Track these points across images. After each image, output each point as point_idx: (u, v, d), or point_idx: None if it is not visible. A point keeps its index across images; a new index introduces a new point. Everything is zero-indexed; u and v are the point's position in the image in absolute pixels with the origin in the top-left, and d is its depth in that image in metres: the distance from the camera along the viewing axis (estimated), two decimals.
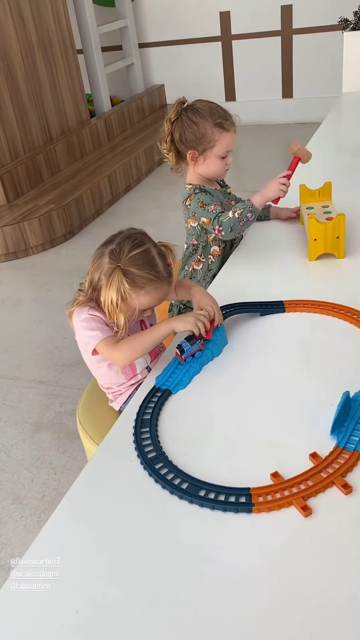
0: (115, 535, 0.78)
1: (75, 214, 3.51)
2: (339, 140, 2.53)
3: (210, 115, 1.44)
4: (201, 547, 0.75)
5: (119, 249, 1.08)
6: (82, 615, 0.68)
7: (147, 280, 1.07)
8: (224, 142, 1.46)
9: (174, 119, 1.46)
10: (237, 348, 1.13)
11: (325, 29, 4.41)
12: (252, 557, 0.73)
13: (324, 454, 0.84)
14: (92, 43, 4.45)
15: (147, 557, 0.75)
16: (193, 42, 5.03)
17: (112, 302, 1.06)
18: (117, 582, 0.72)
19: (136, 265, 1.07)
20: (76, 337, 1.18)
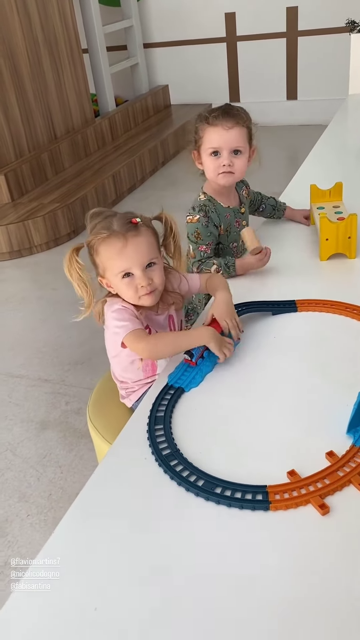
0: (131, 533, 0.78)
1: (80, 213, 3.51)
2: (345, 142, 2.53)
3: (199, 113, 1.43)
4: (218, 545, 0.75)
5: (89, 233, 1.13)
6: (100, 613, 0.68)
7: (96, 240, 1.09)
8: (209, 136, 1.39)
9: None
10: (249, 347, 1.13)
11: (331, 31, 4.42)
12: (269, 555, 0.73)
13: (341, 453, 0.84)
14: (97, 42, 4.45)
15: (163, 555, 0.74)
16: (198, 43, 5.04)
17: (82, 281, 1.12)
18: (133, 580, 0.71)
19: (90, 233, 1.11)
20: (105, 329, 1.18)
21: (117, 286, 1.12)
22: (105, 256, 1.09)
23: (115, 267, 1.09)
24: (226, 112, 1.39)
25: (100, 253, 1.10)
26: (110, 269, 1.10)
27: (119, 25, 4.81)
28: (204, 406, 1.00)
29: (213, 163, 1.41)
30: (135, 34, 4.99)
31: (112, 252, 1.08)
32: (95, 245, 1.09)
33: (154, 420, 0.96)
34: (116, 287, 1.12)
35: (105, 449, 1.19)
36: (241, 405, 0.99)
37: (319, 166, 2.14)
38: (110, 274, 1.10)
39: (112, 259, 1.09)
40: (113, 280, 1.11)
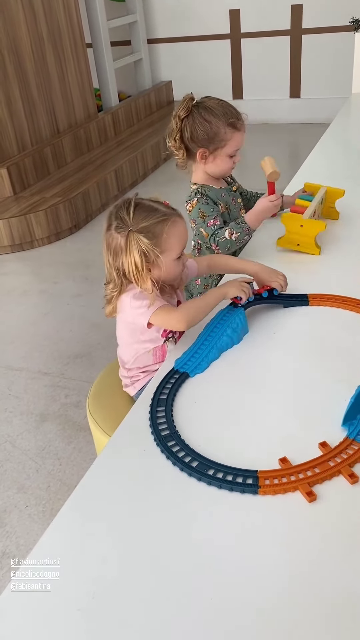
0: (129, 517, 0.80)
1: (82, 208, 3.52)
2: (348, 141, 2.54)
3: (224, 114, 1.43)
4: (207, 526, 0.77)
5: (120, 220, 1.10)
6: (96, 597, 0.70)
7: (160, 223, 1.09)
8: (235, 141, 1.46)
9: (184, 115, 1.44)
10: (257, 337, 1.15)
11: (335, 29, 4.42)
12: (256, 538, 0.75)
13: (334, 444, 0.86)
14: (101, 37, 4.46)
15: (157, 539, 0.76)
16: (202, 39, 5.04)
17: (137, 265, 1.08)
18: (125, 565, 0.73)
19: (143, 219, 1.09)
20: (120, 316, 1.18)
21: (168, 267, 1.13)
22: (176, 236, 1.11)
23: (178, 248, 1.13)
24: (240, 114, 1.47)
25: (170, 233, 1.10)
26: (172, 249, 1.12)
27: (123, 21, 4.80)
28: (206, 392, 1.02)
29: (229, 162, 1.50)
30: (139, 29, 4.99)
31: (179, 234, 1.12)
32: (160, 228, 1.09)
33: (157, 402, 0.99)
34: (165, 269, 1.13)
35: (104, 442, 1.21)
36: (243, 393, 1.02)
37: (321, 164, 2.15)
38: (169, 255, 1.12)
39: (179, 241, 1.12)
40: (166, 262, 1.11)
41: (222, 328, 1.13)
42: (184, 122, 1.45)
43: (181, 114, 1.44)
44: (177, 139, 1.47)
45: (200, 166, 1.52)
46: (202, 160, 1.49)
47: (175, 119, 1.45)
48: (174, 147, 1.49)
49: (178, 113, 1.45)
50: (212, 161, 1.49)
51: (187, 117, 1.45)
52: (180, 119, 1.45)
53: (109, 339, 2.42)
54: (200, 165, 1.51)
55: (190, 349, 1.11)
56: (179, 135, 1.47)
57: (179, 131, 1.46)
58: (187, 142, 1.47)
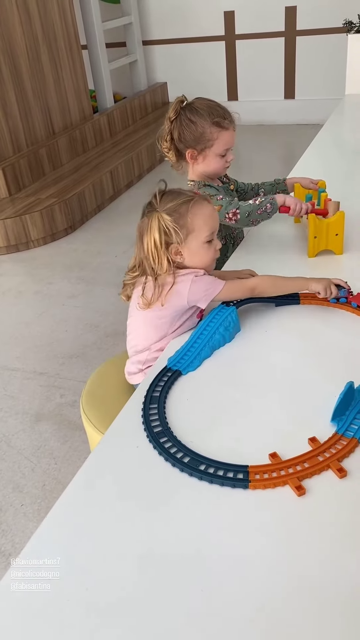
0: (120, 512, 0.81)
1: (77, 209, 3.53)
2: (341, 141, 2.56)
3: (209, 114, 1.44)
4: (197, 521, 0.78)
5: (150, 205, 1.15)
6: (89, 590, 0.70)
7: (185, 203, 1.12)
8: (222, 140, 1.46)
9: (173, 117, 1.46)
10: (249, 336, 1.16)
11: (329, 31, 4.45)
12: (246, 532, 0.76)
13: (323, 440, 0.87)
14: (96, 39, 4.47)
15: (147, 533, 0.77)
16: (197, 41, 5.06)
17: (156, 242, 1.11)
18: (117, 561, 0.74)
19: (169, 201, 1.13)
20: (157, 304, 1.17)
21: (196, 251, 1.15)
22: (202, 216, 1.13)
23: (206, 229, 1.14)
24: (228, 113, 1.47)
25: (195, 213, 1.12)
26: (200, 229, 1.13)
27: (118, 22, 4.82)
28: (198, 389, 1.04)
29: (220, 162, 1.50)
30: (134, 31, 5.00)
31: (206, 215, 1.14)
32: (185, 208, 1.12)
33: (150, 399, 1.00)
34: (195, 252, 1.15)
35: (97, 439, 1.22)
36: (235, 391, 1.03)
37: (315, 165, 2.16)
38: (197, 236, 1.13)
39: (207, 219, 1.14)
40: (194, 245, 1.14)
41: (214, 326, 1.14)
42: (173, 123, 1.47)
43: (171, 115, 1.47)
44: (168, 140, 1.49)
45: (191, 166, 1.53)
46: (192, 161, 1.50)
47: (167, 121, 1.48)
48: (165, 149, 1.51)
49: (169, 115, 1.47)
50: (202, 161, 1.50)
51: (176, 118, 1.47)
52: (170, 121, 1.47)
53: (103, 339, 2.43)
54: (191, 165, 1.53)
55: (183, 347, 1.12)
56: (169, 137, 1.49)
57: (169, 132, 1.48)
58: (177, 144, 1.49)
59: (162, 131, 1.50)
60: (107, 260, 3.14)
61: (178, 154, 1.51)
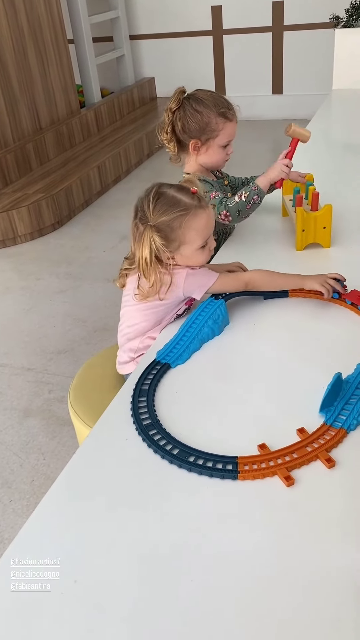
0: (109, 505, 0.81)
1: (64, 204, 3.51)
2: (328, 136, 2.57)
3: (214, 104, 1.44)
4: (187, 512, 0.79)
5: (142, 212, 1.13)
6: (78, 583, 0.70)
7: (179, 218, 1.11)
8: (226, 131, 1.47)
9: (175, 108, 1.46)
10: (238, 329, 1.17)
11: (316, 26, 4.45)
12: (236, 523, 0.76)
13: (312, 430, 0.88)
14: (83, 33, 4.44)
15: (137, 526, 0.77)
16: (184, 36, 5.04)
17: (147, 260, 1.11)
18: (107, 553, 0.74)
19: (162, 213, 1.11)
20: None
21: (191, 256, 1.15)
22: (195, 229, 1.13)
23: (200, 239, 1.14)
24: (231, 105, 1.47)
25: (189, 227, 1.12)
26: (191, 242, 1.13)
27: (105, 16, 4.79)
28: (187, 382, 1.04)
29: (222, 153, 1.51)
30: (121, 25, 4.97)
31: (200, 227, 1.14)
32: (178, 222, 1.11)
33: (139, 392, 1.00)
34: (189, 257, 1.15)
35: (86, 433, 1.21)
36: (223, 383, 1.03)
37: (303, 159, 2.16)
38: (190, 247, 1.14)
39: (201, 231, 1.14)
40: (188, 252, 1.14)
41: (203, 319, 1.14)
42: (175, 114, 1.46)
43: (172, 106, 1.46)
44: (169, 131, 1.48)
45: (193, 157, 1.52)
46: (195, 152, 1.49)
47: (167, 112, 1.46)
48: (166, 140, 1.50)
49: (169, 106, 1.46)
50: (204, 152, 1.49)
51: (178, 109, 1.46)
52: (171, 112, 1.46)
53: (92, 335, 2.42)
54: (193, 157, 1.52)
55: (172, 340, 1.12)
56: (170, 128, 1.48)
57: (170, 124, 1.47)
58: (179, 134, 1.48)
59: (161, 122, 1.49)
60: (95, 255, 3.12)
61: (179, 146, 1.51)
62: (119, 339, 1.29)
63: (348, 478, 0.81)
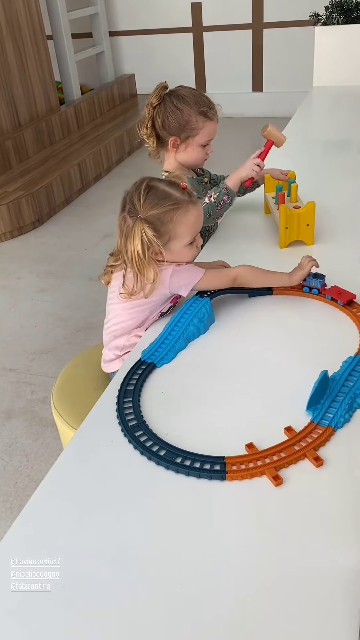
0: (96, 508, 0.79)
1: (45, 202, 3.47)
2: (309, 133, 2.57)
3: (195, 102, 1.43)
4: (175, 513, 0.77)
5: (132, 205, 1.12)
6: (65, 588, 0.69)
7: (170, 211, 1.10)
8: (207, 131, 1.45)
9: (156, 103, 1.44)
10: (223, 327, 1.16)
11: (296, 23, 4.46)
12: (224, 523, 0.76)
13: (299, 429, 0.87)
14: (62, 29, 4.39)
15: (124, 528, 0.76)
16: (164, 32, 5.02)
17: (140, 254, 1.09)
18: (93, 556, 0.73)
19: (153, 206, 1.10)
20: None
21: (179, 252, 1.14)
22: (185, 225, 1.12)
23: (190, 234, 1.14)
24: (212, 104, 1.46)
25: (179, 222, 1.11)
26: (181, 237, 1.13)
27: (84, 12, 4.74)
28: (173, 382, 1.02)
29: (201, 152, 1.49)
30: (100, 21, 4.93)
31: (192, 220, 1.13)
32: (169, 216, 1.10)
33: (124, 393, 0.98)
34: (176, 253, 1.14)
35: (70, 435, 1.20)
36: (209, 382, 1.02)
37: (284, 157, 2.17)
38: (179, 242, 1.13)
39: (191, 227, 1.13)
40: (176, 248, 1.13)
41: (188, 318, 1.13)
42: (156, 109, 1.44)
43: (153, 101, 1.44)
44: (149, 126, 1.46)
45: (171, 155, 1.51)
46: (174, 149, 1.48)
47: (148, 107, 1.45)
48: (145, 135, 1.48)
49: (150, 101, 1.44)
50: (183, 150, 1.48)
51: (159, 105, 1.44)
52: (152, 107, 1.44)
53: (74, 334, 2.39)
54: (171, 154, 1.50)
55: (157, 340, 1.11)
56: (150, 123, 1.46)
57: (150, 119, 1.45)
58: (158, 130, 1.46)
59: (142, 117, 1.47)
60: (77, 253, 3.09)
61: (158, 142, 1.49)
62: (105, 337, 1.27)
63: (336, 477, 0.80)
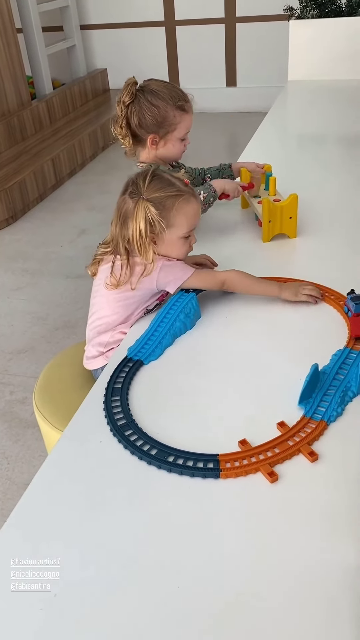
0: (87, 510, 0.77)
1: (18, 198, 3.40)
2: (285, 128, 2.57)
3: (170, 97, 1.39)
4: (169, 513, 0.76)
5: (135, 187, 1.11)
6: (58, 597, 0.67)
7: (172, 197, 1.10)
8: (184, 124, 1.42)
9: (128, 101, 1.38)
10: (210, 322, 1.14)
11: (270, 18, 4.46)
12: (219, 522, 0.74)
13: (292, 424, 0.86)
14: (32, 22, 4.30)
15: (117, 531, 0.74)
16: (136, 26, 4.96)
17: (142, 232, 1.08)
18: (87, 560, 0.71)
19: (157, 190, 1.09)
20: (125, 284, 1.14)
21: (171, 244, 1.13)
22: (185, 214, 1.11)
23: (188, 226, 1.13)
24: (187, 96, 1.44)
25: (180, 209, 1.10)
26: (180, 226, 1.12)
27: (54, 5, 4.65)
28: (162, 379, 1.00)
29: (180, 146, 1.47)
30: (71, 14, 4.85)
31: (192, 211, 1.13)
32: (171, 202, 1.10)
33: (112, 391, 0.96)
34: (170, 244, 1.13)
35: (54, 436, 1.17)
36: (198, 378, 1.00)
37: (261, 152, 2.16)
38: (175, 231, 1.12)
39: (190, 218, 1.12)
40: (171, 238, 1.12)
41: (174, 313, 1.11)
42: (130, 108, 1.38)
43: (125, 99, 1.37)
44: (123, 126, 1.40)
45: (151, 152, 1.46)
46: (153, 147, 1.43)
47: (120, 105, 1.38)
48: (120, 135, 1.42)
49: (122, 99, 1.38)
50: (163, 146, 1.44)
51: (133, 102, 1.38)
52: (125, 105, 1.38)
53: (53, 333, 2.35)
54: (151, 151, 1.46)
55: (143, 336, 1.08)
56: (124, 122, 1.39)
57: (124, 118, 1.39)
58: (135, 129, 1.40)
59: (115, 116, 1.41)
60: (53, 250, 3.03)
61: (135, 140, 1.43)
62: (88, 332, 1.23)
63: (332, 471, 0.79)
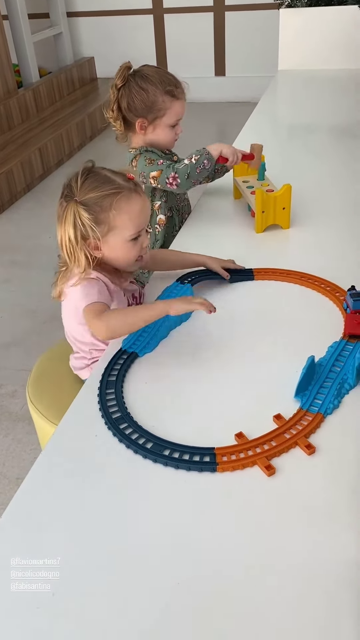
0: (83, 505, 0.76)
1: (5, 188, 3.35)
2: (275, 118, 2.56)
3: (160, 82, 1.39)
4: (166, 507, 0.75)
5: (69, 188, 1.01)
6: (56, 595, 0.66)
7: (109, 196, 0.98)
8: (174, 110, 1.42)
9: (120, 85, 1.39)
10: (205, 314, 1.12)
11: (259, 6, 4.42)
12: (216, 516, 0.73)
13: (288, 416, 0.85)
14: (17, 8, 4.22)
15: (114, 525, 0.73)
16: (124, 14, 4.90)
17: (71, 239, 0.98)
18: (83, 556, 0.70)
19: (92, 190, 0.98)
20: (69, 296, 1.08)
21: (118, 248, 1.02)
22: (127, 213, 1.00)
23: (133, 227, 1.01)
24: (179, 82, 1.43)
25: (120, 209, 0.99)
26: (124, 227, 1.01)
27: None
28: (156, 371, 0.99)
29: (171, 133, 1.46)
30: (57, 1, 4.77)
31: (136, 209, 1.01)
32: (108, 202, 0.98)
33: (106, 384, 0.94)
34: (117, 249, 1.02)
35: (48, 430, 1.16)
36: (195, 371, 0.99)
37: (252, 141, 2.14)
38: (120, 234, 1.01)
39: (134, 217, 1.01)
40: (116, 241, 1.01)
41: None
42: (121, 91, 1.40)
43: (117, 83, 1.39)
44: (115, 109, 1.41)
45: (140, 137, 1.46)
46: (142, 131, 1.44)
47: (112, 89, 1.40)
48: (112, 118, 1.43)
49: (115, 82, 1.39)
50: (152, 131, 1.44)
51: (124, 86, 1.39)
52: (117, 89, 1.40)
53: (42, 325, 2.33)
54: (140, 136, 1.46)
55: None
56: (116, 106, 1.41)
57: (115, 101, 1.40)
58: (124, 112, 1.42)
59: (108, 100, 1.42)
60: (41, 242, 3.00)
61: (125, 124, 1.44)
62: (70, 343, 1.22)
63: (329, 464, 0.79)
